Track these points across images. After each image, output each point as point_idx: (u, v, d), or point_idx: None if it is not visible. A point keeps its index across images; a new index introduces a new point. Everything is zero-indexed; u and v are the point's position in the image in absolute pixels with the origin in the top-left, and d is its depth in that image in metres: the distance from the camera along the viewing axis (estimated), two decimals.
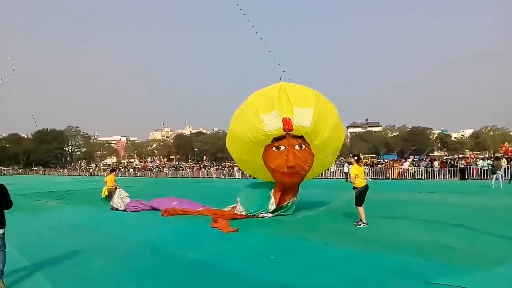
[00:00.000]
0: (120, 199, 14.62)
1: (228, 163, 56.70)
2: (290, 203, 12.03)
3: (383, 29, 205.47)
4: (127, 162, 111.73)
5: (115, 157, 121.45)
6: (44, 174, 76.69)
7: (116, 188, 15.28)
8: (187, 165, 72.48)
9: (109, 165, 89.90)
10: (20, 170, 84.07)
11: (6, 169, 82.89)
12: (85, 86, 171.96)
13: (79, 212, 14.84)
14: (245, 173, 34.27)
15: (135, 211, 13.87)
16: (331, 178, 33.99)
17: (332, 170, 34.90)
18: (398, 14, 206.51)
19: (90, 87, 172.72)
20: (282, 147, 11.07)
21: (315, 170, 12.67)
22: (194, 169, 54.37)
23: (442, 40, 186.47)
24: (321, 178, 31.67)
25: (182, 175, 51.52)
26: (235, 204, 12.47)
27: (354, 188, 10.00)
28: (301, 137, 11.02)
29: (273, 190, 11.92)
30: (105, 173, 58.65)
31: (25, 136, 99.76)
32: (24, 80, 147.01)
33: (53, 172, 77.93)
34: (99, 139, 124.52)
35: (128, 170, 64.89)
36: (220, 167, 52.64)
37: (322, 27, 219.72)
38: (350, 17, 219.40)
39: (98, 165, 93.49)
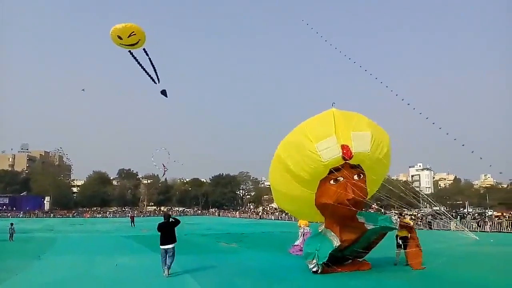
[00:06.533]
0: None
1: None
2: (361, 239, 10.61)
3: None
4: None
5: None
6: (219, 215, 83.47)
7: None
8: None
9: (275, 208, 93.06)
10: (199, 211, 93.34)
11: (188, 210, 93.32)
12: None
13: (257, 257, 14.92)
14: None
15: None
16: None
17: None
18: None
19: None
20: (341, 179, 9.89)
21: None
22: None
23: None
24: None
25: None
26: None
27: None
28: (358, 166, 10.07)
29: (323, 226, 11.00)
30: (272, 217, 61.48)
31: (204, 181, 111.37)
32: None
33: (226, 214, 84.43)
34: (266, 183, 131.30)
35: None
36: None
37: None
38: None
39: (266, 208, 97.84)
